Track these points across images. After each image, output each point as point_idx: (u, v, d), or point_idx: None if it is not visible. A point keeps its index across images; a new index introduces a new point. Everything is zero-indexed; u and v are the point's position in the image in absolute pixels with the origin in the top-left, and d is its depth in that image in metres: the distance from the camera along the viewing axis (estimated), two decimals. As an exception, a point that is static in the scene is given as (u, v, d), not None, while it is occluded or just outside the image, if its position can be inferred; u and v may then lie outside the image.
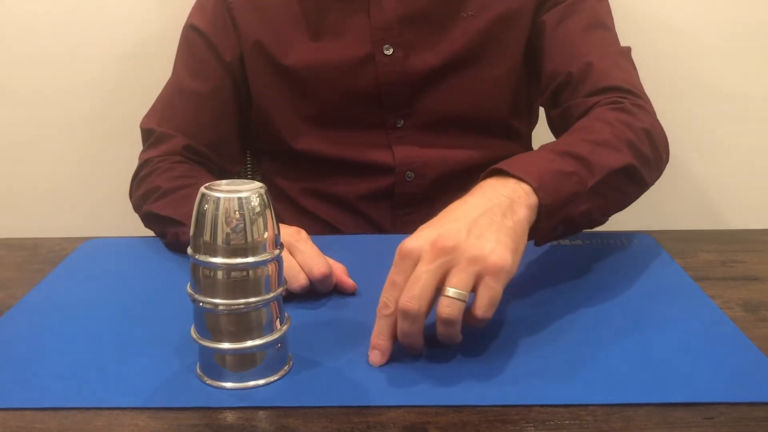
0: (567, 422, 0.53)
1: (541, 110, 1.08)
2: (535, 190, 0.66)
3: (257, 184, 0.56)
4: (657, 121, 0.89)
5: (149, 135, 1.00)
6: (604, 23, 0.97)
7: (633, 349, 0.63)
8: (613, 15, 1.01)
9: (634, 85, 0.91)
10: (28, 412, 0.55)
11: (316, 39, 0.97)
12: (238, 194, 0.55)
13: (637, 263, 0.81)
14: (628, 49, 0.96)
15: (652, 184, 0.84)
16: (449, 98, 0.98)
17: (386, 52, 0.95)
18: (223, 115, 1.02)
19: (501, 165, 0.69)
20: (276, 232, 0.57)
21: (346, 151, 0.99)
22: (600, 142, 0.76)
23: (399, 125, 0.99)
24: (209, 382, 0.58)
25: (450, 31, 0.96)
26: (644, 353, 0.62)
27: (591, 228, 0.78)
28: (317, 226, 1.02)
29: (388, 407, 0.55)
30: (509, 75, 0.99)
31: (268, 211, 0.56)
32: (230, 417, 0.55)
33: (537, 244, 0.71)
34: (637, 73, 0.95)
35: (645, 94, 0.92)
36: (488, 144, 1.00)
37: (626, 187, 0.79)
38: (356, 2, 0.96)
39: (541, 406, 0.55)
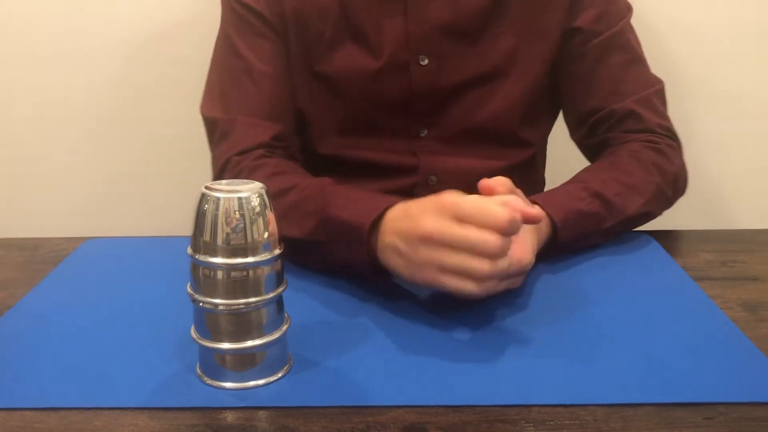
0: (567, 422, 0.53)
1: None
2: (559, 229, 0.78)
3: (257, 184, 0.56)
4: (684, 161, 0.96)
5: (215, 125, 0.94)
6: (640, 57, 1.00)
7: (633, 349, 0.63)
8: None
9: (668, 128, 0.97)
10: (28, 412, 0.55)
11: (350, 41, 0.95)
12: (238, 194, 0.55)
13: (637, 263, 0.81)
14: (662, 86, 1.00)
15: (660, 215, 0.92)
16: (475, 110, 0.98)
17: (421, 63, 0.95)
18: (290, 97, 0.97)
19: (536, 198, 0.80)
20: (276, 232, 0.57)
21: (368, 154, 0.99)
22: (630, 185, 0.86)
23: (422, 134, 0.99)
24: (209, 382, 0.58)
25: (482, 46, 0.96)
26: (644, 353, 0.62)
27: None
28: None
29: (388, 407, 0.55)
30: (534, 90, 0.99)
31: (268, 211, 0.56)
32: (230, 417, 0.55)
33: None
34: (667, 109, 1.00)
35: (676, 132, 0.98)
36: (508, 154, 1.00)
37: (636, 225, 0.89)
38: (393, 4, 0.94)
39: (541, 406, 0.55)
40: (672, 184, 0.91)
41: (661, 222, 0.95)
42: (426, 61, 0.95)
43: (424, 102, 0.97)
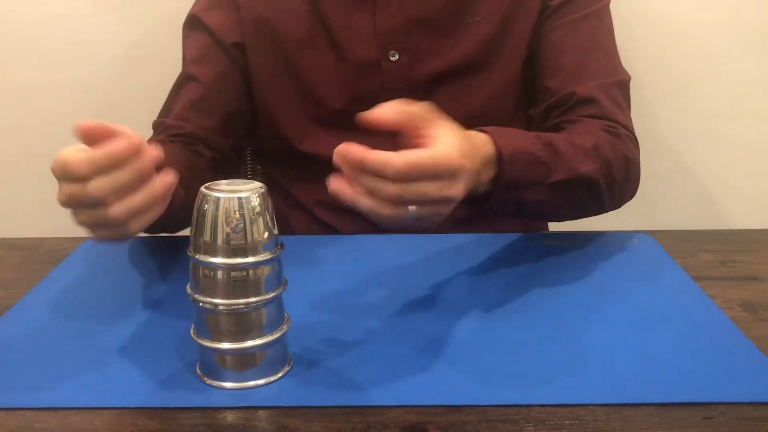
0: (567, 422, 0.53)
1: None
2: (506, 163, 0.72)
3: (257, 184, 0.56)
4: (638, 157, 0.92)
5: (155, 128, 0.97)
6: (609, 46, 0.96)
7: (633, 349, 0.63)
8: (614, 14, 1.00)
9: (626, 125, 0.93)
10: (28, 412, 0.55)
11: (322, 40, 0.96)
12: (238, 194, 0.55)
13: (637, 263, 0.81)
14: (627, 79, 0.96)
15: (609, 210, 0.88)
16: (454, 103, 0.96)
17: (392, 59, 0.95)
18: (228, 102, 0.99)
19: (488, 129, 0.74)
20: (276, 232, 0.57)
21: None
22: (581, 146, 0.81)
23: None
24: (209, 382, 0.58)
25: (456, 37, 0.95)
26: (644, 353, 0.62)
27: (538, 219, 0.84)
28: (315, 226, 1.02)
29: (388, 407, 0.55)
30: (514, 80, 0.98)
31: (267, 212, 0.56)
32: (230, 417, 0.55)
33: (485, 208, 0.77)
34: (629, 108, 0.96)
35: (634, 132, 0.94)
36: None
37: (584, 197, 0.83)
38: (362, 2, 0.94)
39: (541, 406, 0.55)
40: (623, 167, 0.86)
41: (661, 222, 0.95)
42: (396, 57, 0.95)
43: (400, 97, 0.96)
